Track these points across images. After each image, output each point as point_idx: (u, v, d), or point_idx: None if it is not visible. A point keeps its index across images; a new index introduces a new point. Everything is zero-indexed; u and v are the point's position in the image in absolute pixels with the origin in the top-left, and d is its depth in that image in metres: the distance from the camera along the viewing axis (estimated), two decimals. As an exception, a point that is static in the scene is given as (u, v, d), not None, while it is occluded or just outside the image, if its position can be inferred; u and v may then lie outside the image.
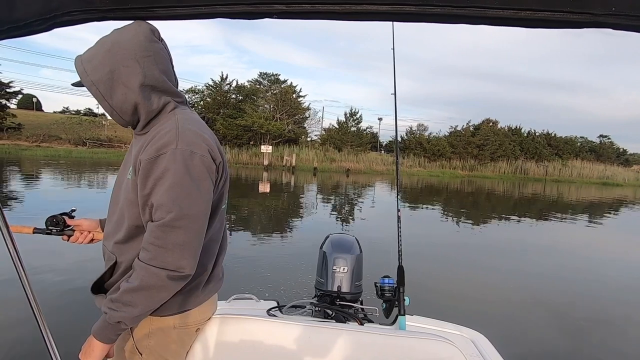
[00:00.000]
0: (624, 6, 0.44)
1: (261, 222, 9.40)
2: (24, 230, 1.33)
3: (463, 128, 39.50)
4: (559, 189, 28.17)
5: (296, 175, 24.19)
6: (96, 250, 1.32)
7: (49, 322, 0.92)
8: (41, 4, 0.52)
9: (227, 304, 1.98)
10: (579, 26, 0.46)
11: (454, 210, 14.51)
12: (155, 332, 1.17)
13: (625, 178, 40.63)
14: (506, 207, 16.54)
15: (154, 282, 1.00)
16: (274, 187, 17.48)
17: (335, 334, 1.35)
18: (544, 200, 20.37)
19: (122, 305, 1.01)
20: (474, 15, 0.46)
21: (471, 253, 7.50)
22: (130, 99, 1.06)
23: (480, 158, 37.38)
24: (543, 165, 39.19)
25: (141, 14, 0.53)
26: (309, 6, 0.48)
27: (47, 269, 4.57)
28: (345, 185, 21.21)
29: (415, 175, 31.60)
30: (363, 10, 0.48)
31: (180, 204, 1.00)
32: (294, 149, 31.47)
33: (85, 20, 0.54)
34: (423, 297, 4.11)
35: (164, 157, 1.00)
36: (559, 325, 4.25)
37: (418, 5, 0.47)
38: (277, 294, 4.31)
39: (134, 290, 1.01)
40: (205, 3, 0.50)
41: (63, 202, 9.38)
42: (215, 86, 33.40)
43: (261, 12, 0.50)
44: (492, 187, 26.21)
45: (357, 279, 2.15)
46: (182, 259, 1.01)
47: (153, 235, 1.00)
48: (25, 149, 24.49)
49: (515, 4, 0.45)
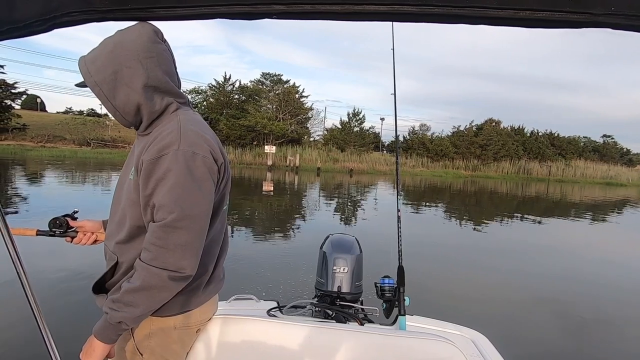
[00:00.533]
0: (623, 6, 0.43)
1: (264, 223, 9.46)
2: (27, 232, 1.34)
3: (466, 128, 39.43)
4: (563, 189, 28.07)
5: (299, 176, 24.22)
6: (96, 250, 1.34)
7: (49, 322, 0.92)
8: (41, 5, 0.52)
9: (228, 304, 1.98)
10: (578, 26, 0.47)
11: (456, 210, 14.51)
12: (156, 333, 1.17)
13: (629, 178, 40.41)
14: (508, 207, 16.50)
15: (155, 283, 1.00)
16: (278, 188, 17.54)
17: (335, 334, 1.36)
18: (547, 200, 20.32)
19: (123, 306, 1.01)
20: (473, 15, 0.47)
21: (471, 253, 7.52)
22: (133, 100, 1.06)
23: (483, 158, 37.31)
24: (546, 165, 39.05)
25: (141, 14, 0.53)
26: (309, 6, 0.48)
27: (47, 269, 4.57)
28: (349, 185, 21.25)
29: (419, 175, 31.58)
30: (363, 11, 0.48)
31: (182, 204, 1.00)
32: (297, 149, 31.53)
33: (85, 21, 0.54)
34: (423, 297, 4.12)
35: (165, 158, 1.01)
36: (559, 325, 4.26)
37: (417, 5, 0.47)
38: (277, 294, 4.32)
39: (135, 290, 1.01)
40: (205, 3, 0.50)
41: (72, 201, 9.48)
42: (219, 86, 33.52)
43: (261, 13, 0.50)
44: (495, 187, 26.16)
45: (357, 279, 2.16)
46: (183, 259, 1.01)
47: (154, 236, 1.00)
48: (30, 150, 24.68)
49: (515, 4, 0.45)
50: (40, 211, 7.83)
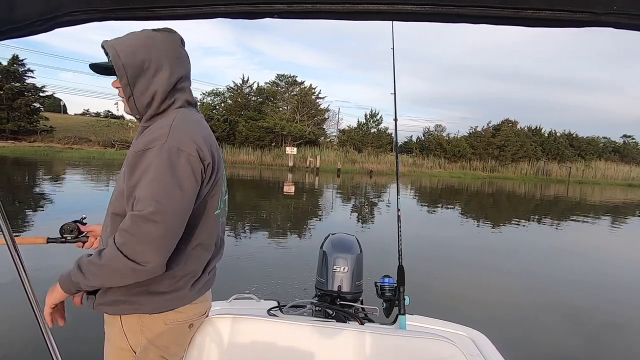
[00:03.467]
0: (626, 5, 0.43)
1: (297, 223, 9.71)
2: (37, 241, 1.33)
3: (483, 129, 39.22)
4: (583, 191, 27.70)
5: (320, 177, 24.46)
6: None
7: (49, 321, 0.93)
8: (42, 5, 0.52)
9: (228, 303, 1.96)
10: (580, 25, 0.47)
11: (476, 211, 14.56)
12: (147, 330, 1.18)
13: (651, 179, 39.60)
14: (526, 209, 16.42)
15: (117, 267, 1.02)
16: (301, 189, 17.82)
17: (335, 334, 1.36)
18: (567, 202, 20.09)
19: (84, 271, 1.05)
20: (475, 15, 0.46)
21: (482, 254, 7.46)
22: (151, 91, 1.12)
23: (501, 159, 37.06)
24: (565, 166, 38.57)
25: (142, 14, 0.53)
26: (310, 6, 0.48)
27: (47, 269, 4.47)
28: (369, 186, 21.43)
29: (436, 176, 31.54)
30: (364, 10, 0.48)
31: (159, 199, 1.01)
32: (315, 150, 31.83)
33: (86, 21, 0.54)
34: (424, 297, 4.10)
35: (150, 152, 1.03)
36: (560, 325, 4.23)
37: (419, 4, 0.47)
38: (296, 293, 4.26)
39: (99, 265, 1.04)
40: (206, 3, 0.50)
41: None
42: (237, 88, 34.03)
43: (262, 12, 0.50)
44: (514, 189, 26.00)
45: (358, 278, 2.15)
46: (148, 253, 1.01)
47: (128, 224, 1.02)
48: (60, 151, 25.48)
49: (516, 3, 0.45)
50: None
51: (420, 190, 21.34)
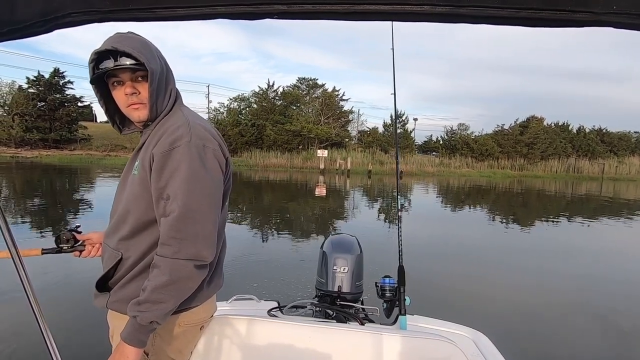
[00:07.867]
0: (625, 4, 0.43)
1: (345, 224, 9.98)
2: (32, 252, 1.30)
3: (510, 127, 38.67)
4: (616, 188, 26.97)
5: (352, 178, 24.70)
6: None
7: (50, 323, 0.92)
8: (41, 6, 0.51)
9: (228, 304, 1.97)
10: (580, 25, 0.47)
11: (504, 212, 14.46)
12: (161, 332, 1.17)
13: (689, 175, 38.13)
14: (557, 207, 16.14)
15: (184, 274, 1.02)
16: (335, 190, 18.10)
17: (336, 334, 1.36)
18: (598, 200, 19.52)
19: (151, 305, 1.01)
20: (474, 15, 0.47)
21: (498, 253, 7.47)
22: (169, 91, 1.16)
23: (529, 157, 36.45)
24: (597, 162, 37.60)
25: (142, 14, 0.52)
26: (310, 6, 0.48)
27: (47, 270, 4.52)
28: (406, 187, 21.56)
29: (465, 176, 31.27)
30: (364, 10, 0.48)
31: (196, 195, 1.03)
32: (341, 152, 32.14)
33: (86, 22, 0.54)
34: (424, 297, 4.07)
35: (178, 150, 1.04)
36: (561, 325, 4.17)
37: (419, 4, 0.47)
38: (288, 294, 4.22)
39: (163, 286, 1.01)
40: (206, 4, 0.50)
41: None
42: (262, 93, 34.68)
43: (262, 13, 0.50)
44: (550, 187, 25.54)
45: (358, 279, 2.16)
46: (203, 249, 1.04)
47: (172, 229, 1.02)
48: (101, 158, 26.73)
49: (516, 3, 0.45)
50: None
51: (456, 190, 21.32)
